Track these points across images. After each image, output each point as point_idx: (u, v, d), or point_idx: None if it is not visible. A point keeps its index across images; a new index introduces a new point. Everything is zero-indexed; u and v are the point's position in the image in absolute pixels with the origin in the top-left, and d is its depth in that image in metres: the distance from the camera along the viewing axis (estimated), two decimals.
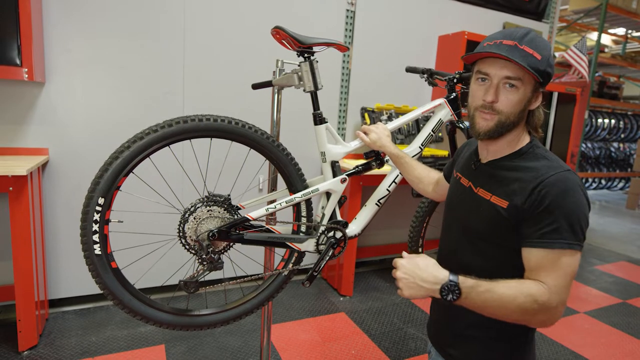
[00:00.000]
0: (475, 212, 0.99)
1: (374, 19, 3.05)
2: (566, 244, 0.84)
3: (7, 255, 2.27)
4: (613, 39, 8.85)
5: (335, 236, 1.38)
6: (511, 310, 0.83)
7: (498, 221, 0.92)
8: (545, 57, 0.89)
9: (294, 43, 1.26)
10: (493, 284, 0.84)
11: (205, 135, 1.19)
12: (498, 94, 0.91)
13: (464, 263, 1.00)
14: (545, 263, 0.85)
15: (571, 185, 0.85)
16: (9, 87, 2.16)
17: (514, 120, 0.92)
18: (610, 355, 2.36)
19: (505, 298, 0.82)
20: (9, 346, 2.04)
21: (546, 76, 0.89)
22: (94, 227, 1.08)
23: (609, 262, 4.05)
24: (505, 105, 0.91)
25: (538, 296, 0.82)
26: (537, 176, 0.88)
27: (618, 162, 7.63)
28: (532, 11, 3.88)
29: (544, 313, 0.83)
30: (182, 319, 1.24)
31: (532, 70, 0.87)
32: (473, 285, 0.83)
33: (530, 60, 0.87)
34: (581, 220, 0.85)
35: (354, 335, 2.38)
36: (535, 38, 0.90)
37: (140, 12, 2.36)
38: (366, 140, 1.39)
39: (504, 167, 0.96)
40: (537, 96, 0.94)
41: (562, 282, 0.84)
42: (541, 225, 0.85)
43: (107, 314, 2.43)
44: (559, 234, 0.84)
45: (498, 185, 0.94)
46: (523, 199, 0.87)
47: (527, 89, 0.90)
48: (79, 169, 2.34)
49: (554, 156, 0.93)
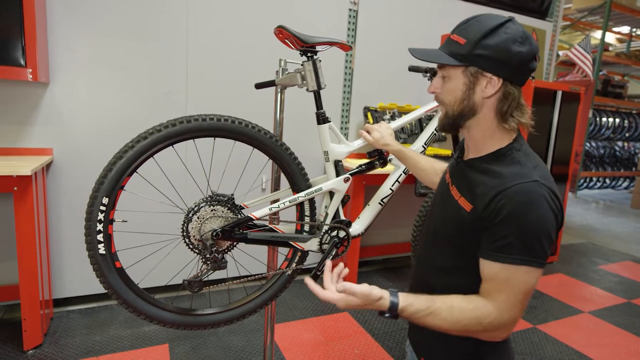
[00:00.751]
0: (445, 211, 0.96)
1: (376, 18, 3.05)
2: (519, 260, 0.79)
3: (12, 255, 2.28)
4: (617, 38, 8.80)
5: (339, 235, 1.38)
6: (455, 331, 0.83)
7: (460, 224, 0.89)
8: (472, 40, 0.84)
9: (297, 42, 1.26)
10: (437, 306, 0.83)
11: (209, 135, 1.19)
12: (440, 86, 0.92)
13: (430, 263, 0.99)
14: (498, 277, 0.81)
15: (534, 197, 0.79)
16: (14, 87, 2.17)
17: (458, 109, 0.89)
18: (615, 356, 2.35)
19: (447, 320, 0.82)
20: (14, 345, 2.05)
21: (474, 59, 0.84)
22: (98, 226, 1.09)
23: (613, 261, 4.03)
24: (444, 95, 0.91)
25: (482, 318, 0.81)
26: (500, 184, 0.82)
27: (622, 161, 7.60)
28: (535, 10, 3.87)
29: (490, 332, 0.83)
30: (186, 318, 1.24)
31: (452, 56, 0.86)
32: (413, 312, 0.83)
33: (451, 47, 0.87)
34: (541, 235, 0.79)
35: (357, 334, 2.38)
36: (471, 24, 0.87)
37: (143, 13, 2.37)
38: (369, 139, 1.38)
39: (477, 168, 0.91)
40: (484, 82, 0.86)
41: (512, 300, 0.81)
42: (496, 237, 0.81)
43: (111, 313, 2.44)
44: (513, 248, 0.79)
45: (466, 187, 0.91)
46: (483, 207, 0.83)
47: (457, 76, 0.88)
48: (82, 168, 2.35)
49: (532, 162, 0.86)
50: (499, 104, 0.88)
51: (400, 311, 0.83)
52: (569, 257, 4.03)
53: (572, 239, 4.72)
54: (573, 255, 4.13)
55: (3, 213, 2.27)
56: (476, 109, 0.89)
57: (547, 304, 2.94)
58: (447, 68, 0.89)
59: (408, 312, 0.83)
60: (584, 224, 5.51)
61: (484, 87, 0.86)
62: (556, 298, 3.06)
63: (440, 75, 0.92)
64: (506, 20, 0.86)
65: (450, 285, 0.92)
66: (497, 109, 0.88)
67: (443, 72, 0.91)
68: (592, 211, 6.44)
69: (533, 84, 3.29)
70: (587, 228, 5.30)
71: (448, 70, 0.89)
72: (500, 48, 0.83)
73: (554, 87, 3.46)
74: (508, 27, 0.84)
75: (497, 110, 0.88)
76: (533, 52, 0.85)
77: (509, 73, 0.85)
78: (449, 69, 0.89)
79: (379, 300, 0.83)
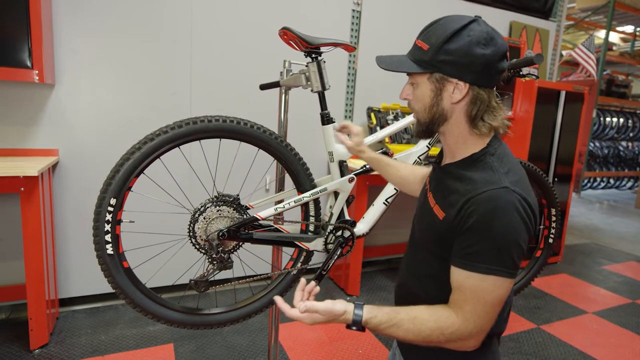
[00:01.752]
0: (422, 217, 0.96)
1: (380, 18, 3.05)
2: (486, 269, 0.77)
3: (18, 255, 2.30)
4: (621, 37, 8.77)
5: (344, 235, 1.38)
6: (419, 341, 0.83)
7: (433, 230, 0.89)
8: (434, 45, 0.83)
9: (302, 44, 1.27)
10: (400, 317, 0.82)
11: (215, 136, 1.20)
12: (410, 93, 0.91)
13: (412, 269, 0.99)
14: (464, 286, 0.80)
15: (503, 204, 0.77)
16: (20, 88, 2.19)
17: (429, 116, 0.88)
18: (619, 356, 2.35)
19: (410, 332, 0.82)
20: (20, 344, 2.07)
21: (438, 65, 0.83)
22: (106, 227, 1.10)
23: (617, 262, 4.02)
24: (414, 103, 0.90)
25: (445, 328, 0.80)
26: (470, 190, 0.81)
27: (626, 161, 7.57)
28: (539, 9, 3.86)
29: (454, 342, 0.81)
30: (192, 318, 1.25)
31: (415, 63, 0.85)
32: (376, 324, 0.83)
33: (415, 54, 0.86)
34: (510, 244, 0.77)
35: (361, 334, 2.38)
36: (435, 27, 0.85)
37: (146, 12, 2.38)
38: (348, 143, 1.28)
39: (452, 174, 0.89)
40: (451, 87, 0.84)
41: (479, 310, 0.79)
42: (464, 244, 0.80)
43: (116, 313, 2.45)
44: (480, 256, 0.78)
45: (440, 194, 0.90)
46: (454, 214, 0.82)
47: (423, 83, 0.87)
48: (88, 169, 2.36)
49: (504, 167, 0.83)
50: (468, 109, 0.85)
51: (364, 323, 0.83)
52: (572, 258, 4.02)
53: (576, 239, 4.71)
54: (577, 255, 4.12)
55: (10, 213, 2.28)
56: (447, 115, 0.87)
57: (550, 304, 2.94)
58: (414, 75, 0.88)
59: (372, 324, 0.83)
60: (587, 224, 5.50)
61: (451, 92, 0.84)
62: (560, 298, 3.05)
63: (409, 82, 0.91)
64: (470, 22, 0.83)
65: (429, 293, 0.92)
66: (467, 113, 0.86)
67: (411, 79, 0.90)
68: (596, 211, 6.42)
69: (536, 84, 3.29)
70: (591, 228, 5.28)
71: (415, 77, 0.88)
72: (462, 52, 0.81)
73: (558, 87, 3.46)
74: (471, 29, 0.82)
75: (467, 115, 0.86)
76: (499, 53, 0.82)
77: (475, 77, 0.83)
78: (416, 76, 0.88)
79: (343, 315, 0.84)
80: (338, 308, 0.84)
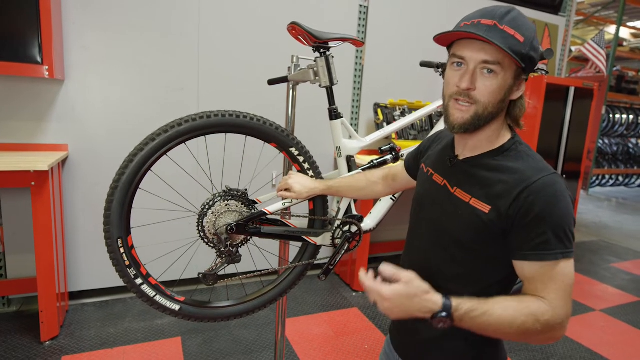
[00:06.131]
0: (452, 215, 0.89)
1: (387, 13, 3.04)
2: (560, 254, 0.77)
3: (29, 249, 2.33)
4: (632, 33, 8.64)
5: (351, 230, 1.39)
6: (511, 333, 0.76)
7: (478, 227, 0.83)
8: (529, 39, 0.79)
9: (310, 39, 1.27)
10: (490, 306, 0.76)
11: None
12: (475, 81, 0.81)
13: (433, 270, 0.90)
14: (541, 276, 0.78)
15: (559, 189, 0.78)
16: (30, 84, 2.21)
17: (492, 111, 0.82)
18: (627, 354, 2.33)
19: (503, 321, 0.75)
20: (31, 336, 2.10)
21: (529, 61, 0.80)
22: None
23: (625, 259, 3.99)
24: (483, 94, 0.81)
25: (540, 315, 0.75)
26: (523, 179, 0.79)
27: (636, 159, 7.48)
28: (548, 4, 3.82)
29: (548, 332, 0.77)
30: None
31: (513, 53, 0.76)
32: (467, 311, 0.75)
33: (511, 42, 0.77)
34: (571, 225, 0.79)
35: (367, 330, 2.39)
36: (517, 17, 0.80)
37: (155, 10, 2.39)
38: (292, 196, 1.25)
39: (485, 166, 0.86)
40: (519, 84, 0.84)
41: (562, 295, 0.78)
42: (532, 235, 0.78)
43: (125, 306, 2.48)
44: (551, 244, 0.77)
45: (478, 187, 0.85)
46: (507, 205, 0.79)
47: (507, 75, 0.80)
48: (96, 164, 2.39)
49: (537, 155, 0.85)
50: (519, 104, 0.87)
51: (454, 310, 0.75)
52: (581, 255, 3.99)
53: (585, 236, 4.68)
54: (585, 253, 4.09)
55: (21, 207, 2.32)
56: (504, 109, 0.86)
57: None
58: (500, 64, 0.79)
59: (462, 310, 0.75)
60: (596, 221, 5.45)
61: (517, 88, 0.84)
62: None
63: (484, 68, 0.80)
64: None
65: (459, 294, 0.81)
66: (517, 108, 0.87)
67: (493, 66, 0.79)
68: (605, 209, 6.36)
69: (545, 79, 3.26)
70: (599, 226, 5.23)
71: (503, 67, 0.80)
72: (540, 51, 0.81)
73: (567, 83, 3.42)
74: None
75: (514, 109, 0.87)
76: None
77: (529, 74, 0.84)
78: (506, 67, 0.80)
79: (429, 294, 0.76)
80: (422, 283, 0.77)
